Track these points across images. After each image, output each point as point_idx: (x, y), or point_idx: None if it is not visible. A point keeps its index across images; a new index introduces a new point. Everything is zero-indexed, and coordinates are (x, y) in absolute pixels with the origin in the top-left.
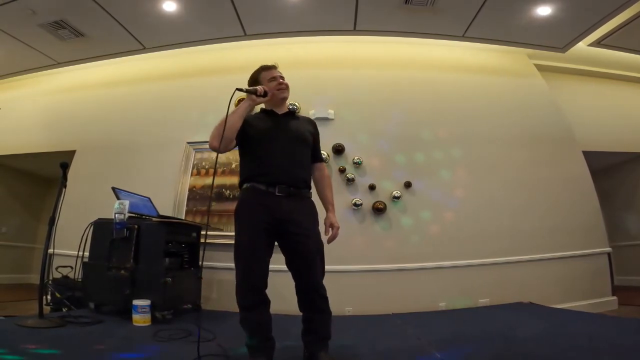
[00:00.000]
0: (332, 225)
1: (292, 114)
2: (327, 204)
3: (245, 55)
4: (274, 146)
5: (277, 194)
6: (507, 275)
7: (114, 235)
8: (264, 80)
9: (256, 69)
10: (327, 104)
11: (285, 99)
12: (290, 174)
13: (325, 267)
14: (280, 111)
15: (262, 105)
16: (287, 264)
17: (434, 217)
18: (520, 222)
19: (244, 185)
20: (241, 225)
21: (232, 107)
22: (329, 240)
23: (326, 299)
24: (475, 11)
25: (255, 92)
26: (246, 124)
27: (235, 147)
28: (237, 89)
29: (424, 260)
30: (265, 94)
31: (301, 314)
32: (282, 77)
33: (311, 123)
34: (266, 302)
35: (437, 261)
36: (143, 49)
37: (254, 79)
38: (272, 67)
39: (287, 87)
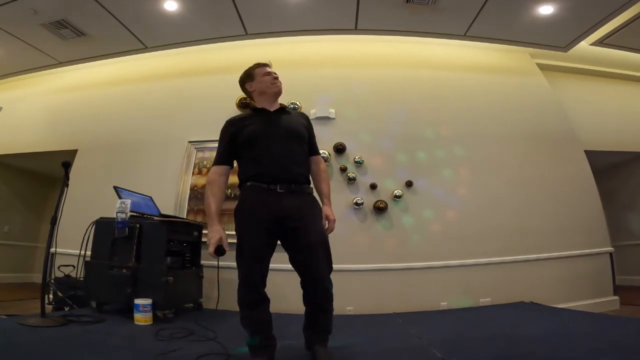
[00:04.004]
0: (327, 218)
1: (283, 110)
2: (323, 197)
3: (247, 54)
4: (271, 145)
5: (278, 191)
6: (508, 275)
7: (115, 234)
8: (258, 75)
9: (250, 66)
10: (328, 103)
11: (278, 94)
12: (289, 171)
13: None
14: (272, 108)
15: (254, 104)
16: (290, 260)
17: (436, 216)
18: (522, 221)
19: (245, 185)
20: (242, 225)
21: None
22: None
23: (331, 296)
24: (477, 10)
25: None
26: (236, 134)
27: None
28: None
29: (425, 260)
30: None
31: (303, 309)
32: (276, 74)
33: (304, 117)
34: (266, 300)
35: (439, 260)
36: (144, 48)
37: (248, 74)
38: (266, 64)
39: (281, 82)
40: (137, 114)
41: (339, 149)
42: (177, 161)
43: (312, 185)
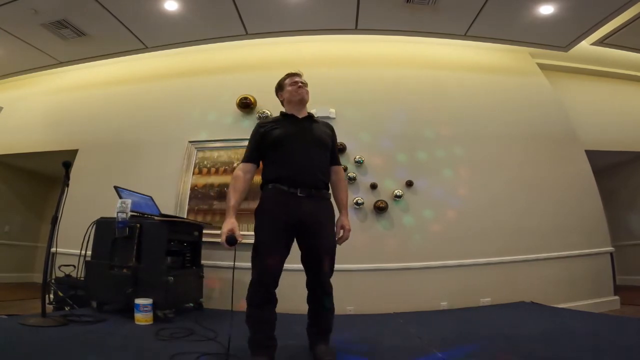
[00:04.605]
0: (342, 227)
1: (311, 117)
2: (341, 207)
3: (247, 54)
4: (295, 149)
5: (299, 194)
6: (509, 275)
7: (116, 234)
8: (286, 85)
9: (282, 77)
10: (328, 103)
11: (302, 101)
12: (311, 176)
13: None
14: (300, 115)
15: (283, 109)
16: (302, 259)
17: (436, 216)
18: (523, 221)
19: (267, 186)
20: (262, 225)
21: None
22: (340, 242)
23: (330, 295)
24: (477, 10)
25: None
26: (265, 134)
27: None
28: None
29: (426, 260)
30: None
31: (305, 310)
32: (303, 83)
33: (329, 127)
34: (275, 301)
35: (439, 260)
36: (145, 48)
37: (279, 85)
38: (295, 74)
39: (306, 91)
40: (137, 114)
41: (339, 149)
42: (177, 161)
43: (330, 192)
